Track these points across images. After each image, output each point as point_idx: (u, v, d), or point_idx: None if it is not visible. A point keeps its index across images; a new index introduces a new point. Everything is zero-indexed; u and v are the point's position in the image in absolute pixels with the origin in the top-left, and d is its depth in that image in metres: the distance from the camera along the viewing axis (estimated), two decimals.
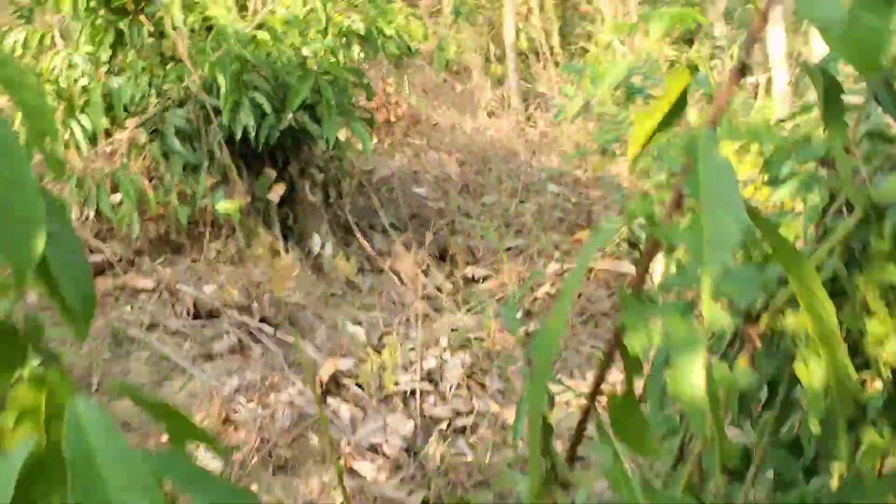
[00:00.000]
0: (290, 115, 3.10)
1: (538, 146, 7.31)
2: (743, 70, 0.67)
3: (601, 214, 5.52)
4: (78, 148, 3.11)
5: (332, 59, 3.10)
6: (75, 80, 3.17)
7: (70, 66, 3.09)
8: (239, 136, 3.02)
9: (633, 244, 4.60)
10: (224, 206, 2.53)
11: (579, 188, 6.22)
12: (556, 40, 8.47)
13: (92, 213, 3.29)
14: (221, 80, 2.81)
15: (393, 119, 6.48)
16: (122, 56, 3.26)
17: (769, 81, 5.42)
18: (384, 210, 4.41)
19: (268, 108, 3.02)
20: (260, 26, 2.98)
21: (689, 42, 8.42)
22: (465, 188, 5.65)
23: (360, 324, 3.37)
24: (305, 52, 3.03)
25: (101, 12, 3.16)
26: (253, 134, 2.98)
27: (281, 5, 3.02)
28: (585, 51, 8.35)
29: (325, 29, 2.99)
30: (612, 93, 4.81)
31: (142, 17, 3.26)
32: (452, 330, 3.38)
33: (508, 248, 4.71)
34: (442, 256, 4.37)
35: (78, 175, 3.16)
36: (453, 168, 5.95)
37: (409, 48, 3.44)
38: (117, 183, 3.21)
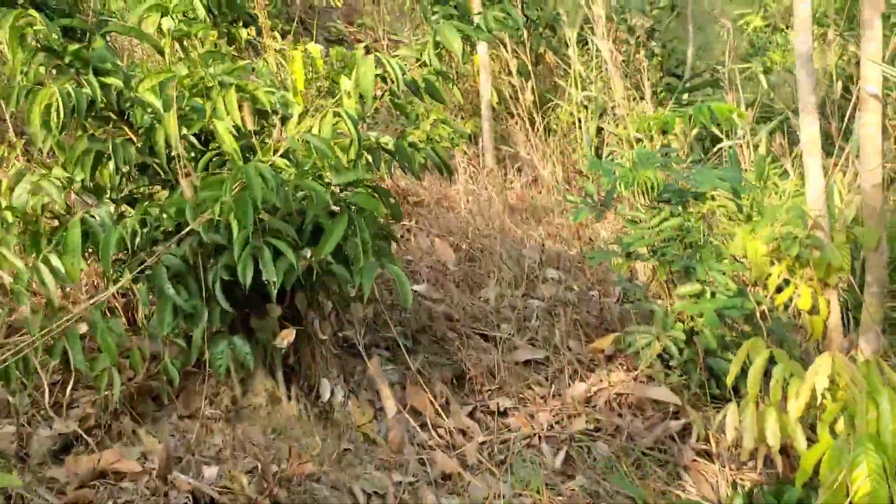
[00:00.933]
0: (310, 256, 2.55)
1: (522, 216, 6.94)
2: None
3: (611, 308, 5.07)
4: (47, 291, 2.50)
5: (364, 185, 2.57)
6: (44, 207, 2.57)
7: (37, 193, 2.48)
8: (248, 284, 2.46)
9: (665, 362, 4.14)
10: None
11: (576, 270, 5.80)
12: (528, 96, 8.11)
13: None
14: (235, 225, 2.25)
15: None
16: (102, 177, 2.67)
17: (799, 161, 5.04)
18: (391, 323, 3.86)
19: (286, 248, 2.47)
20: (281, 152, 2.43)
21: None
22: (463, 279, 5.15)
23: (383, 497, 2.81)
24: (333, 180, 2.49)
25: (79, 122, 2.58)
26: (275, 291, 2.42)
27: (303, 127, 2.47)
28: (559, 106, 8.04)
29: (357, 157, 2.45)
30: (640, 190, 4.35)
31: (126, 129, 2.68)
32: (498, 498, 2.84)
33: (527, 362, 4.20)
34: (459, 380, 3.83)
35: (43, 320, 2.55)
36: (448, 254, 5.43)
37: (445, 165, 2.91)
38: (92, 330, 2.62)
